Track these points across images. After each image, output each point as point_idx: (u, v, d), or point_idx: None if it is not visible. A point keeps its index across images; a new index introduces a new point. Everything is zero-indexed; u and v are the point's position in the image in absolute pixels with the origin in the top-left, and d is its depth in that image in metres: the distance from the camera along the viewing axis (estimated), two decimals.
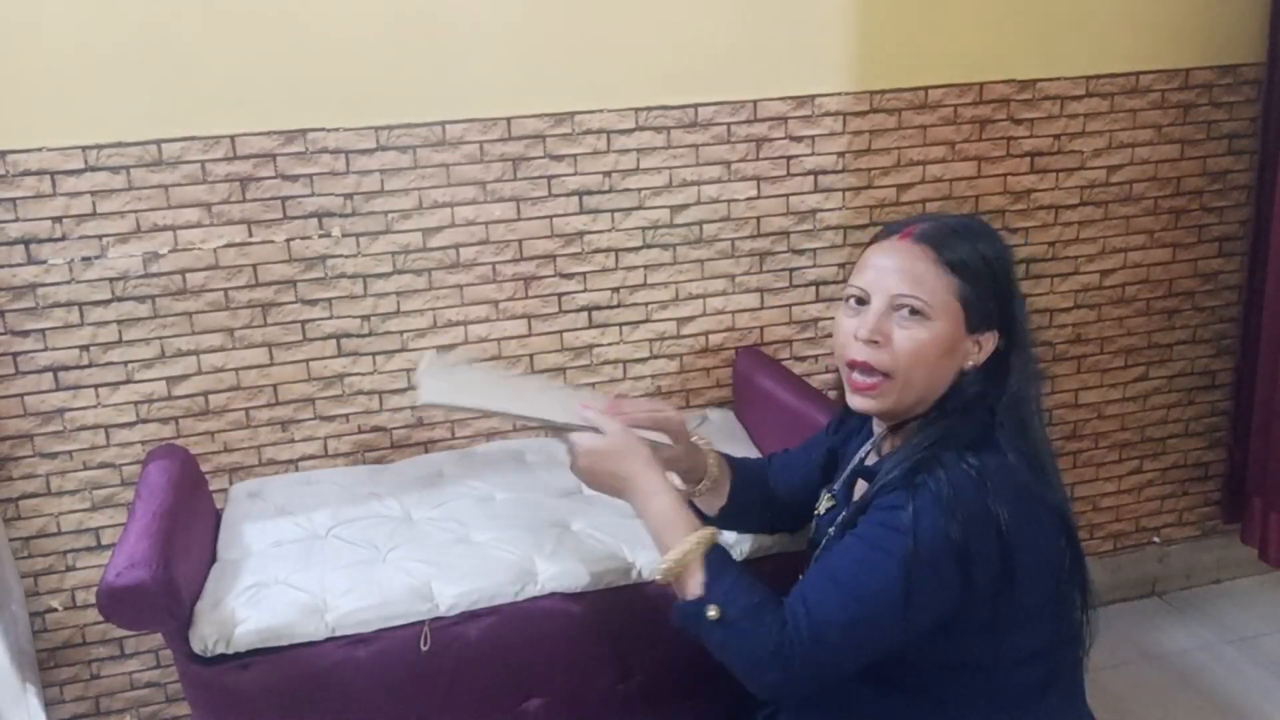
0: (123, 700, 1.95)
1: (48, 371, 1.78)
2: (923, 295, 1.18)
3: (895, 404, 1.21)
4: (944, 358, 1.19)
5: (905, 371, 1.19)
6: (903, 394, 1.20)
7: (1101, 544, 2.41)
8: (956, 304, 1.18)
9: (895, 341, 1.19)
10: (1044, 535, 1.18)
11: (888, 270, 1.20)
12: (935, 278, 1.18)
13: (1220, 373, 2.37)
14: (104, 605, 1.31)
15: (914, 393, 1.20)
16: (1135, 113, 2.16)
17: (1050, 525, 1.19)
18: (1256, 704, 2.09)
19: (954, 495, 1.12)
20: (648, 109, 1.92)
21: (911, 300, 1.18)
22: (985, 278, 1.20)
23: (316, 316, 1.87)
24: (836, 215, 2.06)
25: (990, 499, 1.12)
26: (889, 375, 1.19)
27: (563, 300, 1.97)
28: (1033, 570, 1.17)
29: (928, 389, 1.20)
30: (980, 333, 1.21)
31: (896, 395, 1.20)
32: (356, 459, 1.94)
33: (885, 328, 1.19)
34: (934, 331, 1.18)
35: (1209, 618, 2.37)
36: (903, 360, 1.18)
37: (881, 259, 1.21)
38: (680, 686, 1.56)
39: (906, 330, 1.18)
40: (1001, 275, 1.22)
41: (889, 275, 1.19)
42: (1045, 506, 1.19)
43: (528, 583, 1.48)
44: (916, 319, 1.18)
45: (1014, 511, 1.13)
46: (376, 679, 1.43)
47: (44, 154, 1.70)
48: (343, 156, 1.81)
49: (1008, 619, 1.17)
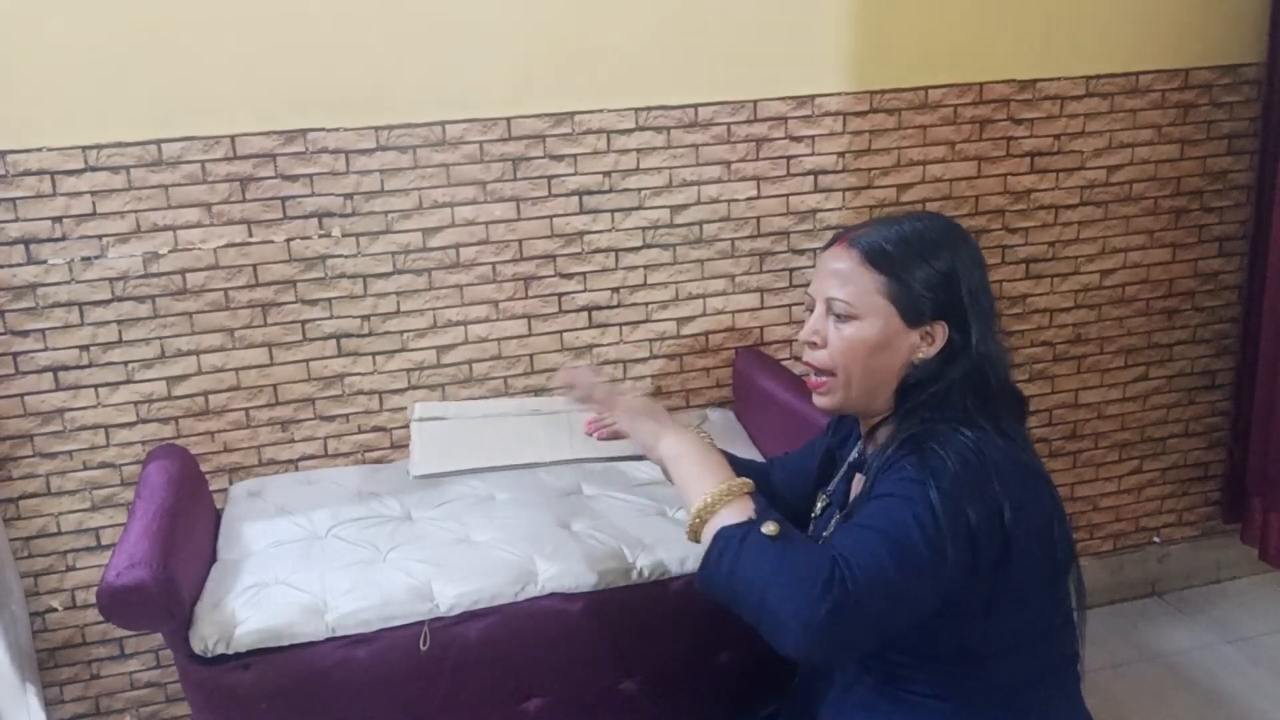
0: (123, 700, 1.95)
1: (48, 371, 1.78)
2: (846, 296, 1.23)
3: (845, 400, 1.26)
4: (879, 353, 1.23)
5: (843, 369, 1.24)
6: (848, 391, 1.25)
7: (1101, 544, 2.41)
8: (884, 302, 1.22)
9: (830, 341, 1.25)
10: (1039, 509, 1.20)
11: (824, 275, 1.26)
12: (861, 278, 1.23)
13: (1220, 373, 2.37)
14: (104, 605, 1.31)
15: (860, 389, 1.25)
16: (1135, 113, 2.16)
17: (1043, 499, 1.21)
18: (1256, 704, 2.09)
19: (958, 464, 1.14)
20: (648, 109, 1.92)
21: (837, 302, 1.24)
22: (918, 269, 1.22)
23: (316, 316, 1.87)
24: (836, 215, 2.06)
25: (990, 470, 1.15)
26: (832, 373, 1.25)
27: (563, 300, 1.97)
28: (1029, 544, 1.18)
29: (872, 384, 1.25)
30: (925, 325, 1.23)
31: (843, 392, 1.25)
32: (356, 459, 1.94)
33: (823, 330, 1.25)
34: (862, 330, 1.23)
35: (1209, 618, 2.37)
36: (838, 359, 1.24)
37: (822, 264, 1.28)
38: (680, 686, 1.56)
39: (838, 331, 1.24)
40: (940, 264, 1.23)
41: (824, 280, 1.26)
42: (1037, 479, 1.21)
43: (528, 583, 1.48)
44: (846, 320, 1.24)
45: (1010, 484, 1.15)
46: (376, 679, 1.43)
47: (44, 154, 1.70)
48: (343, 156, 1.81)
49: (1003, 597, 1.18)
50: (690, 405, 2.07)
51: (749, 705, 1.51)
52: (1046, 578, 1.23)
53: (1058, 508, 1.24)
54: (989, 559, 1.15)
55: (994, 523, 1.14)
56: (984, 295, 1.25)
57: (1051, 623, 1.25)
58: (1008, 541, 1.15)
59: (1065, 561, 1.24)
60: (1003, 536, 1.15)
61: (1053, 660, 1.26)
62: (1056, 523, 1.22)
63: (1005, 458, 1.17)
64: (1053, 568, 1.23)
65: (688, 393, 2.07)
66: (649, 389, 2.04)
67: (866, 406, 1.27)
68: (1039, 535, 1.20)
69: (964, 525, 1.12)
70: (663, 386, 2.06)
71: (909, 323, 1.23)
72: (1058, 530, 1.22)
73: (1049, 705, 1.26)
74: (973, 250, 1.26)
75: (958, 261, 1.24)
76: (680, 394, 2.07)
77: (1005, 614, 1.19)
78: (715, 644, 1.57)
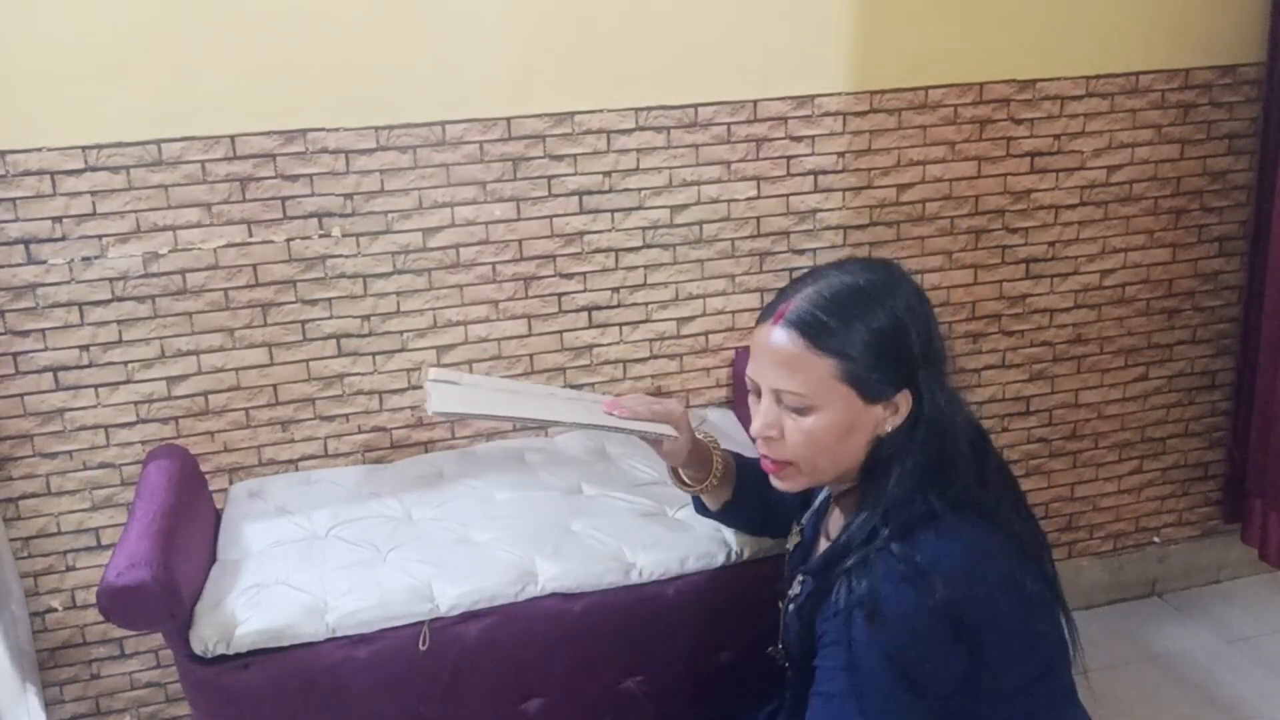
0: (123, 700, 1.95)
1: (48, 371, 1.78)
2: (799, 389, 1.14)
3: (810, 483, 1.21)
4: (844, 437, 1.16)
5: (806, 460, 1.17)
6: (813, 476, 1.20)
7: (1101, 544, 2.41)
8: (841, 385, 1.14)
9: (787, 434, 1.17)
10: (1007, 603, 1.12)
11: (766, 363, 1.17)
12: (811, 366, 1.13)
13: (1220, 373, 2.37)
14: (104, 605, 1.31)
15: (826, 473, 1.19)
16: (1135, 113, 2.16)
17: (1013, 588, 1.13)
18: (1256, 704, 2.09)
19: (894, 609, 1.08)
20: (648, 109, 1.92)
21: (788, 395, 1.15)
22: (867, 345, 1.14)
23: (316, 316, 1.87)
24: (836, 215, 2.06)
25: (925, 587, 1.07)
26: (793, 464, 1.18)
27: (563, 300, 1.97)
28: (1003, 643, 1.12)
29: (838, 468, 1.18)
30: (886, 399, 1.16)
31: (807, 478, 1.20)
32: (356, 459, 1.94)
33: (776, 421, 1.17)
34: (822, 420, 1.15)
35: (1209, 618, 2.37)
36: (799, 451, 1.17)
37: (761, 346, 1.18)
38: (680, 686, 1.56)
39: (795, 423, 1.16)
40: (887, 336, 1.15)
41: (768, 369, 1.16)
42: (1004, 565, 1.13)
43: (528, 583, 1.48)
44: (802, 412, 1.15)
45: (959, 585, 1.08)
46: (376, 679, 1.43)
47: (44, 154, 1.70)
48: (343, 156, 1.81)
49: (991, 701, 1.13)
50: (690, 405, 2.07)
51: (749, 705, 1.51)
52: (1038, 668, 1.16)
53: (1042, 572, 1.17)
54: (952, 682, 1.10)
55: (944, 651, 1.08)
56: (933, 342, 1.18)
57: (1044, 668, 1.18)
58: (978, 652, 1.09)
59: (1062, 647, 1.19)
60: (968, 653, 1.09)
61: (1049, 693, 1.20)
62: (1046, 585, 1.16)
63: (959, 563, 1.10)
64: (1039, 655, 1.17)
65: (688, 393, 2.07)
66: (649, 389, 2.04)
67: (834, 483, 1.23)
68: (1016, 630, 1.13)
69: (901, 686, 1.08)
70: (663, 386, 2.06)
71: (869, 400, 1.15)
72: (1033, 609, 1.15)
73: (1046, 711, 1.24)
74: (908, 292, 1.18)
75: (897, 310, 1.15)
76: (680, 394, 2.07)
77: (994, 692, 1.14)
78: (715, 644, 1.57)
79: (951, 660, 1.09)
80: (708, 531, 1.57)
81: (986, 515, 1.15)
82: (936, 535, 1.11)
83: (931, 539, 1.11)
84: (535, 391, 1.56)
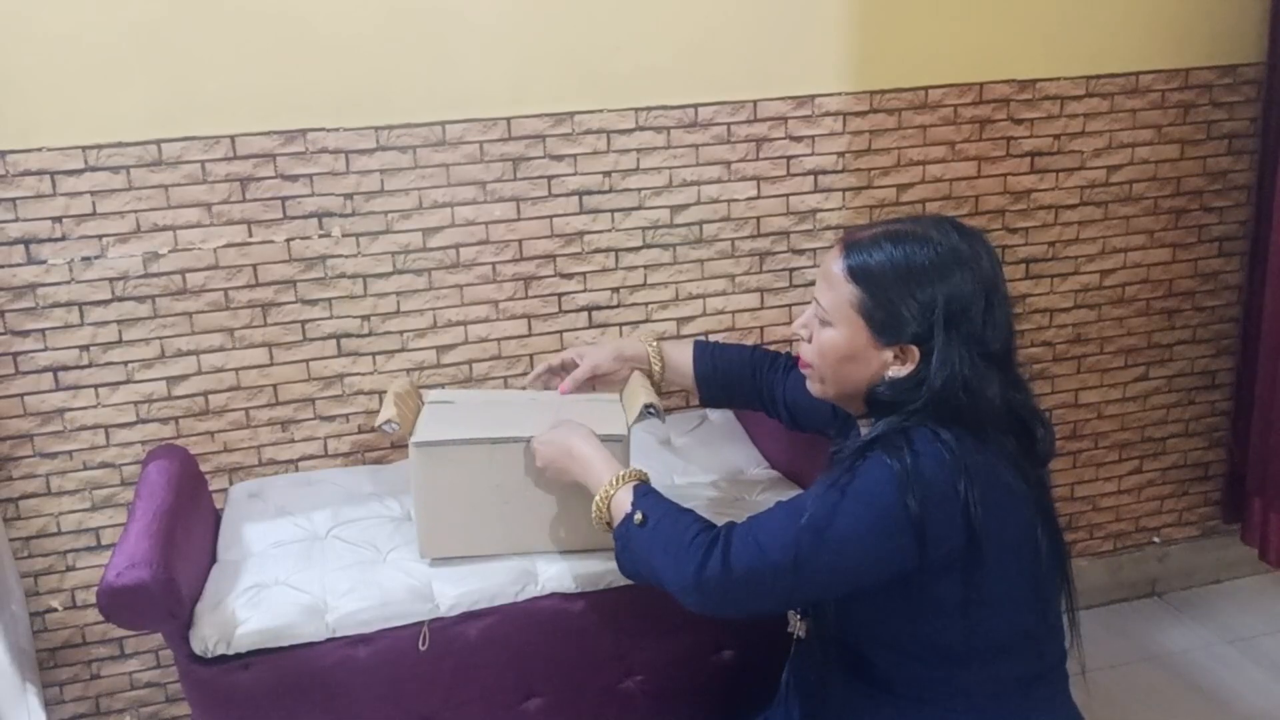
0: (123, 700, 1.95)
1: (48, 371, 1.78)
2: (824, 303, 1.28)
3: (823, 392, 1.32)
4: (846, 362, 1.27)
5: (817, 367, 1.31)
6: (825, 385, 1.31)
7: (1101, 544, 2.41)
8: (855, 315, 1.25)
9: (814, 339, 1.31)
10: (1013, 519, 1.20)
11: (820, 275, 1.31)
12: (838, 288, 1.26)
13: (1220, 373, 2.37)
14: (104, 605, 1.31)
15: (831, 386, 1.31)
16: (1135, 113, 2.16)
17: (1020, 510, 1.20)
18: (1256, 704, 2.09)
19: (924, 460, 1.16)
20: (648, 109, 1.92)
21: (818, 306, 1.29)
22: (893, 289, 1.22)
23: (316, 316, 1.87)
24: (836, 215, 2.06)
25: (959, 467, 1.16)
26: (811, 365, 1.32)
27: (563, 300, 1.97)
28: (1002, 553, 1.18)
29: (839, 386, 1.30)
30: (896, 345, 1.24)
31: (820, 385, 1.32)
32: (356, 459, 1.94)
33: (809, 324, 1.32)
34: (833, 337, 1.27)
35: (1209, 618, 2.37)
36: (813, 357, 1.31)
37: (822, 264, 1.31)
38: (680, 686, 1.56)
39: (817, 332, 1.30)
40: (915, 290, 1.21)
41: (820, 280, 1.31)
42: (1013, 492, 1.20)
43: (528, 583, 1.48)
44: (823, 324, 1.29)
45: (984, 486, 1.17)
46: (376, 679, 1.43)
47: (44, 154, 1.70)
48: (343, 156, 1.81)
49: (980, 600, 1.19)
50: (690, 405, 2.07)
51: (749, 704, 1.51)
52: (1028, 583, 1.22)
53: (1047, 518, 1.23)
54: (944, 554, 1.17)
55: (953, 522, 1.16)
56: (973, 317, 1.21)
57: (1038, 627, 1.25)
58: (977, 542, 1.16)
59: (1052, 568, 1.23)
60: (966, 543, 1.16)
61: (1040, 664, 1.26)
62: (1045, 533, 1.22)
63: (980, 462, 1.18)
64: (1035, 573, 1.22)
65: (688, 393, 2.07)
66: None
67: (845, 404, 1.33)
68: (1015, 540, 1.20)
69: (908, 519, 1.15)
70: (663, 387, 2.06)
71: (882, 340, 1.24)
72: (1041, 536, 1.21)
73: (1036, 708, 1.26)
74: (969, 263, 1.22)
75: (943, 272, 1.21)
76: (680, 394, 2.07)
77: (984, 616, 1.20)
78: (715, 643, 1.57)
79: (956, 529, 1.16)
80: None
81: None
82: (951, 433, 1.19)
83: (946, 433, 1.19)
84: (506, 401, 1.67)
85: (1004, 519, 1.18)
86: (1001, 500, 1.18)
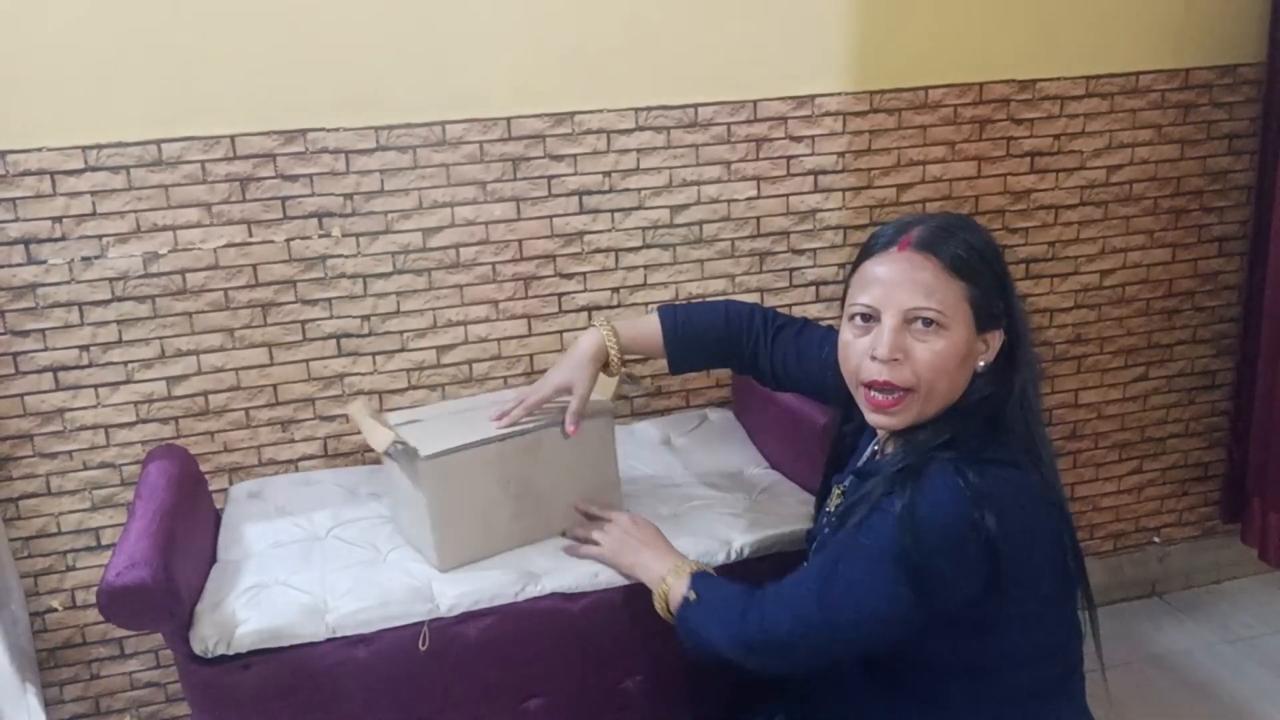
0: (123, 700, 1.95)
1: (48, 371, 1.78)
2: (936, 305, 1.16)
3: (917, 417, 1.20)
4: (963, 363, 1.19)
5: (928, 384, 1.18)
6: (924, 406, 1.19)
7: (1101, 544, 2.41)
8: (966, 307, 1.18)
9: (915, 355, 1.17)
10: (1042, 542, 1.17)
11: (894, 283, 1.18)
12: (943, 285, 1.17)
13: (1220, 373, 2.37)
14: (104, 605, 1.31)
15: (935, 404, 1.19)
16: (1135, 113, 2.16)
17: (1051, 529, 1.18)
18: (1256, 704, 2.09)
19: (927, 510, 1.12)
20: (648, 109, 1.92)
21: (926, 311, 1.17)
22: (987, 275, 1.20)
23: (316, 316, 1.87)
24: (836, 215, 2.06)
25: (978, 511, 1.11)
26: (911, 390, 1.18)
27: (563, 300, 1.97)
28: (1026, 577, 1.16)
29: (948, 398, 1.20)
30: (988, 331, 1.20)
31: (919, 408, 1.19)
32: (356, 459, 1.94)
33: (903, 343, 1.17)
34: (952, 340, 1.17)
35: (1209, 618, 2.37)
36: (924, 374, 1.17)
37: (884, 272, 1.20)
38: (680, 686, 1.56)
39: (925, 343, 1.17)
40: (999, 269, 1.22)
41: (898, 289, 1.18)
42: (1048, 510, 1.18)
43: (528, 583, 1.48)
44: (933, 330, 1.17)
45: (1009, 521, 1.12)
46: (376, 679, 1.43)
47: (44, 154, 1.70)
48: (343, 156, 1.81)
49: (998, 623, 1.17)
50: (690, 405, 2.07)
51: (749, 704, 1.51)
52: (1050, 600, 1.21)
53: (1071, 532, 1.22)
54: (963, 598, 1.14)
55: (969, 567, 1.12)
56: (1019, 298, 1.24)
57: (1058, 638, 1.23)
58: (996, 579, 1.13)
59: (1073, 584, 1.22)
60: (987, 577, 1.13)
61: (1059, 673, 1.25)
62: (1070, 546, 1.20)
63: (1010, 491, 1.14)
64: (1058, 591, 1.21)
65: (688, 392, 2.07)
66: (649, 388, 2.05)
67: (921, 420, 1.22)
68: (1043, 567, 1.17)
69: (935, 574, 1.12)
70: (663, 387, 2.06)
71: (978, 329, 1.19)
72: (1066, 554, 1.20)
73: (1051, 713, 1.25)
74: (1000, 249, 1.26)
75: (1004, 261, 1.23)
76: (680, 394, 2.07)
77: (1004, 635, 1.18)
78: None
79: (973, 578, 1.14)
80: (707, 531, 1.57)
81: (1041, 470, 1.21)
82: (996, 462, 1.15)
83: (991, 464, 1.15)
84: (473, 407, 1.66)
85: (1033, 535, 1.15)
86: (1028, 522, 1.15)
